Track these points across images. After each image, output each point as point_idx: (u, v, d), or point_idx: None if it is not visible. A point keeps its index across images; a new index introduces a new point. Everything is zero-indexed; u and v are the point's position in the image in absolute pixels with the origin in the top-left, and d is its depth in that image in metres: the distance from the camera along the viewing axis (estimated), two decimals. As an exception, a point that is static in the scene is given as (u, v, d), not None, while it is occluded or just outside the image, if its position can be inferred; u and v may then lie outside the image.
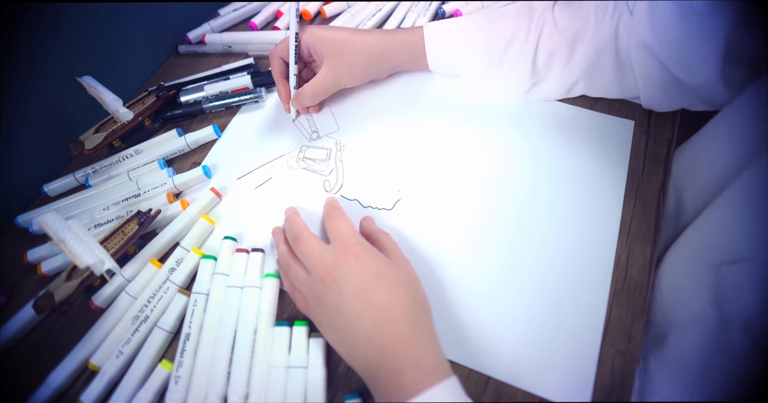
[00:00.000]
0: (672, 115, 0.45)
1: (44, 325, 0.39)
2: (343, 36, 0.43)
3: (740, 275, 0.33)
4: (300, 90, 0.44)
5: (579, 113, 0.46)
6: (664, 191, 0.41)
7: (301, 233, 0.35)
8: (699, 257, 0.37)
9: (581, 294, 0.37)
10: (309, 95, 0.44)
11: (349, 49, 0.43)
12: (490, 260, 0.39)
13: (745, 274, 0.32)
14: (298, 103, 0.45)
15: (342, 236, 0.34)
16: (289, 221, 0.37)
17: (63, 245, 0.32)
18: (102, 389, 0.34)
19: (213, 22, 0.56)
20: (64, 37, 0.44)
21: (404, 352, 0.29)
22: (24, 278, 0.41)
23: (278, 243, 0.38)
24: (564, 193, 0.41)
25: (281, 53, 0.45)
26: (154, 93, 0.47)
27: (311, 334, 0.35)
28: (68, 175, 0.46)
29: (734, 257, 0.34)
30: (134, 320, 0.37)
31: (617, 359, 0.34)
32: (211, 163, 0.46)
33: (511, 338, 0.35)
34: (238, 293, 0.37)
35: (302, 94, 0.44)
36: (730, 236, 0.35)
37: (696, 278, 0.36)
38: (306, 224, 0.37)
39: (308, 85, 0.44)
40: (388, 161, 0.44)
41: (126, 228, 0.38)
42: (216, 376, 0.34)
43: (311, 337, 0.35)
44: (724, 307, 0.33)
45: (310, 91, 0.44)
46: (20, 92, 0.41)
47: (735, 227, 0.35)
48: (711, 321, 0.34)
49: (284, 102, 0.46)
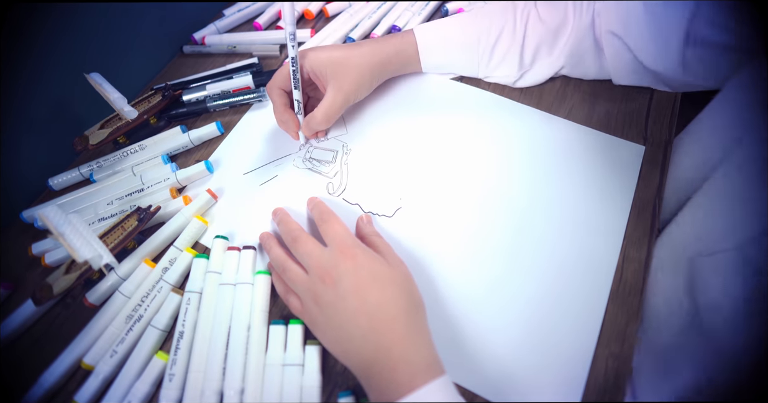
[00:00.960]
0: (669, 119, 0.45)
1: (48, 317, 0.39)
2: (341, 54, 0.42)
3: (713, 265, 0.34)
4: (310, 115, 0.42)
5: (588, 134, 0.45)
6: (659, 196, 0.41)
7: (299, 235, 0.35)
8: (676, 253, 0.38)
9: (580, 298, 0.37)
10: (321, 119, 0.42)
11: (350, 65, 0.42)
12: (487, 274, 0.38)
13: (718, 264, 0.33)
14: (310, 129, 0.43)
15: (339, 238, 0.34)
16: (284, 224, 0.37)
17: (62, 238, 0.32)
18: (96, 389, 0.34)
19: (218, 22, 0.56)
20: (72, 34, 0.44)
21: (398, 350, 0.29)
22: (29, 271, 0.42)
23: (270, 247, 0.38)
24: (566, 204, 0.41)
25: (280, 84, 0.42)
26: (160, 92, 0.48)
27: (307, 341, 0.35)
28: (73, 170, 0.46)
29: (709, 250, 0.35)
30: (128, 319, 0.37)
31: (611, 361, 0.34)
32: (215, 159, 0.46)
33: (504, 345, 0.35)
34: (230, 290, 0.37)
35: (313, 119, 0.42)
36: (705, 231, 0.36)
37: (673, 272, 0.37)
38: (300, 225, 0.37)
39: (319, 109, 0.42)
40: (392, 168, 0.44)
41: (126, 224, 0.38)
42: (211, 372, 0.34)
43: (307, 344, 0.35)
44: (697, 296, 0.34)
45: (322, 114, 0.42)
46: (27, 87, 0.42)
47: (709, 222, 0.36)
48: (686, 310, 0.35)
49: (292, 131, 0.44)
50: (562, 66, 0.46)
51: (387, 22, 0.54)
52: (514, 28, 0.44)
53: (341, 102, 0.42)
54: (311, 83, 0.45)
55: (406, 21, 0.54)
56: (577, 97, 0.48)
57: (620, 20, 0.41)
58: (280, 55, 0.54)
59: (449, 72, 0.49)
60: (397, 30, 0.54)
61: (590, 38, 0.43)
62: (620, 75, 0.46)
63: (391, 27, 0.54)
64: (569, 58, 0.45)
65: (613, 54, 0.43)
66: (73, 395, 0.34)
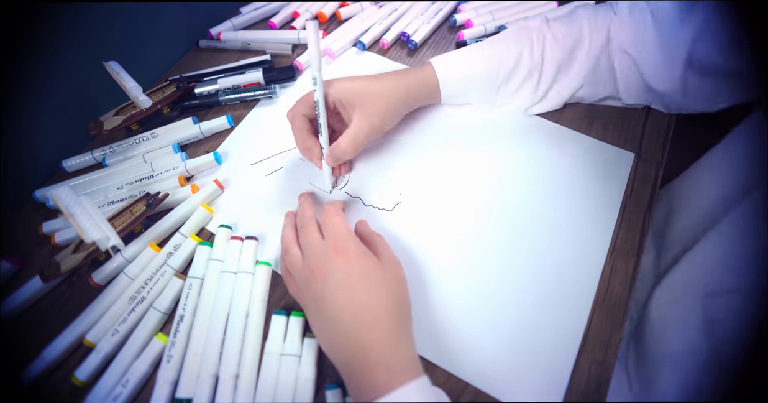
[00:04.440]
0: (663, 140, 0.45)
1: (53, 294, 0.39)
2: (367, 84, 0.40)
3: (729, 306, 0.33)
4: (335, 144, 0.39)
5: (581, 139, 0.45)
6: (650, 211, 0.41)
7: (307, 223, 0.35)
8: (690, 290, 0.37)
9: (565, 304, 0.37)
10: (346, 148, 0.39)
11: (376, 95, 0.40)
12: (480, 267, 0.39)
13: (734, 305, 0.33)
14: (334, 159, 0.40)
15: (334, 231, 0.34)
16: (301, 209, 0.38)
17: (72, 219, 0.32)
18: (96, 365, 0.34)
19: (234, 19, 0.56)
20: (93, 23, 0.44)
21: (378, 350, 0.29)
22: (38, 248, 0.42)
23: (285, 225, 0.38)
24: (559, 209, 0.41)
25: (303, 111, 0.39)
26: (174, 83, 0.48)
27: (306, 334, 0.35)
28: (87, 153, 0.46)
29: (723, 289, 0.34)
30: (131, 301, 0.37)
31: (594, 367, 0.34)
32: (224, 151, 0.46)
33: (490, 344, 0.35)
34: (231, 278, 0.37)
35: (338, 147, 0.39)
36: (720, 269, 0.35)
37: (687, 310, 0.36)
38: (315, 214, 0.37)
39: (344, 137, 0.39)
40: (394, 165, 0.44)
41: (134, 208, 0.38)
42: (208, 356, 0.34)
43: (306, 337, 0.35)
44: (715, 336, 0.33)
45: (347, 143, 0.39)
46: (48, 72, 0.42)
47: (724, 261, 0.35)
48: (704, 350, 0.34)
49: (316, 158, 0.40)
50: (581, 85, 0.44)
51: (397, 29, 0.54)
52: (531, 52, 0.42)
53: (367, 131, 0.39)
54: (335, 113, 0.42)
55: (416, 28, 0.54)
56: (575, 115, 0.47)
57: (632, 38, 0.41)
58: (292, 53, 0.54)
59: (466, 102, 0.47)
60: (407, 36, 0.54)
61: (605, 57, 0.42)
62: (629, 94, 0.45)
63: (400, 33, 0.54)
64: (587, 77, 0.44)
65: (624, 72, 0.43)
66: (73, 370, 0.34)
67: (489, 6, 0.56)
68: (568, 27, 0.42)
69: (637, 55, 0.41)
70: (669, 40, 0.39)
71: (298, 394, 0.33)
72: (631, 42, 0.41)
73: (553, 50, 0.42)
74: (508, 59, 0.42)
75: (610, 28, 0.42)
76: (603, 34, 0.42)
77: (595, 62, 0.43)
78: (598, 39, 0.42)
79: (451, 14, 0.56)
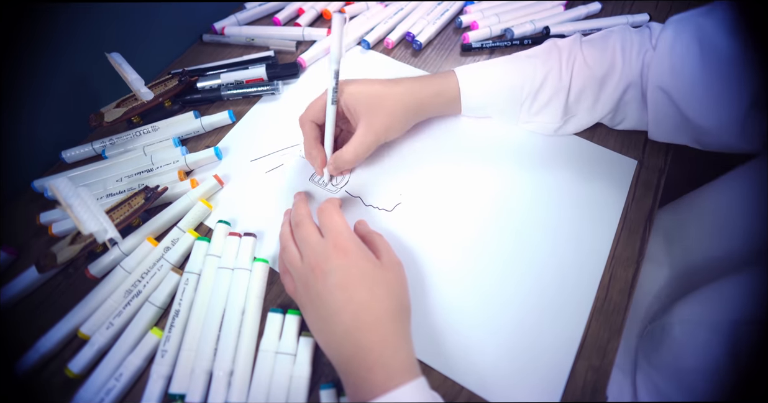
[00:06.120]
0: (665, 147, 0.45)
1: (49, 285, 0.39)
2: (378, 90, 0.39)
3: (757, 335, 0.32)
4: (337, 154, 0.39)
5: (584, 145, 0.45)
6: (651, 218, 0.41)
7: (303, 220, 0.35)
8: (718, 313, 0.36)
9: (564, 310, 0.36)
10: (349, 158, 0.39)
11: (385, 105, 0.39)
12: (479, 271, 0.38)
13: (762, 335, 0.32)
14: (336, 168, 0.40)
15: (334, 229, 0.33)
16: (296, 207, 0.37)
17: (70, 210, 0.32)
18: (90, 358, 0.34)
19: (239, 14, 0.56)
20: (97, 14, 0.43)
21: (377, 351, 0.29)
22: (34, 239, 0.41)
23: (284, 223, 0.37)
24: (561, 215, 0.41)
25: (313, 117, 0.39)
26: (177, 77, 0.47)
27: (302, 332, 0.35)
28: (86, 145, 0.46)
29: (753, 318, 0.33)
30: (127, 294, 0.36)
31: (590, 374, 0.34)
32: (224, 146, 0.46)
33: (488, 348, 0.35)
34: (228, 274, 0.37)
35: (341, 158, 0.39)
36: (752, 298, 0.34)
37: (714, 332, 0.35)
38: (310, 212, 0.36)
39: (347, 147, 0.39)
40: (395, 166, 0.44)
41: (133, 201, 0.38)
42: (203, 352, 0.34)
43: (302, 335, 0.35)
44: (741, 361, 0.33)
45: (350, 153, 0.38)
46: (50, 61, 0.41)
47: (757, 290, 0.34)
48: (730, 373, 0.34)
49: (318, 167, 0.40)
50: (608, 113, 0.42)
51: (402, 29, 0.54)
52: (560, 73, 0.40)
53: (371, 141, 0.39)
54: (344, 117, 0.41)
55: (421, 28, 0.53)
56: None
57: (670, 73, 0.37)
58: (296, 50, 0.53)
59: (487, 115, 0.45)
60: (411, 37, 0.53)
61: (637, 89, 0.40)
62: (659, 131, 0.42)
63: (405, 33, 0.54)
64: (614, 107, 0.41)
65: (657, 109, 0.40)
66: (67, 362, 0.34)
67: (495, 8, 0.55)
68: (601, 53, 0.40)
69: (677, 91, 0.38)
70: (726, 77, 0.36)
71: (292, 392, 0.32)
72: (671, 79, 0.38)
73: (582, 75, 0.40)
74: (534, 76, 0.40)
75: (645, 62, 0.39)
76: (637, 67, 0.39)
77: (623, 92, 0.40)
78: (631, 72, 0.39)
79: (457, 15, 0.56)
